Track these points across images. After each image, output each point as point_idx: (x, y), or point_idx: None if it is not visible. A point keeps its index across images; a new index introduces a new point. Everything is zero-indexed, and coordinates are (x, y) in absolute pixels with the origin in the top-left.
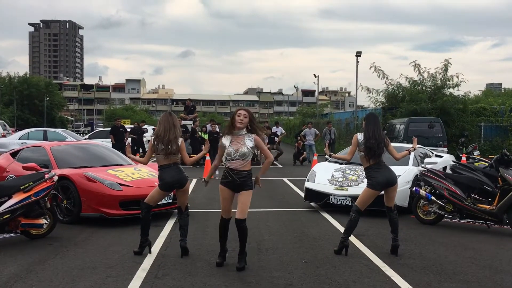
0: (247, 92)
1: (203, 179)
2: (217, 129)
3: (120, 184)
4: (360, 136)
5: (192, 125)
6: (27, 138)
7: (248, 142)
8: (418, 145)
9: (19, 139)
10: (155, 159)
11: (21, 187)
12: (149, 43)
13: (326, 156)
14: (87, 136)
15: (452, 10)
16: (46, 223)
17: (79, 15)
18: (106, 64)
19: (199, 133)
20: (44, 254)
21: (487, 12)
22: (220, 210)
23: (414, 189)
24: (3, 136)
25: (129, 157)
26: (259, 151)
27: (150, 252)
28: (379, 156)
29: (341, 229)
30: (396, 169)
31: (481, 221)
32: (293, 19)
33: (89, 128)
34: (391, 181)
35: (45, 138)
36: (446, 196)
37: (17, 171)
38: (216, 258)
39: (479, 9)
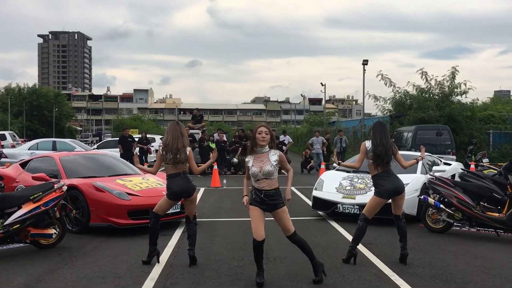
0: (254, 101)
1: (243, 200)
2: (225, 138)
3: (129, 194)
4: (368, 144)
5: (201, 134)
6: (37, 148)
7: (272, 157)
8: (426, 153)
9: (28, 149)
10: (163, 168)
11: (31, 197)
12: (157, 53)
13: (334, 164)
14: (95, 146)
15: (459, 18)
16: (55, 233)
17: (87, 26)
18: (113, 75)
19: (207, 142)
20: (53, 264)
21: (494, 19)
22: (249, 223)
23: (422, 197)
24: (13, 146)
25: (137, 167)
26: None
27: (158, 262)
28: (387, 163)
29: (349, 237)
30: (404, 177)
31: (490, 229)
32: (300, 28)
33: (98, 138)
34: (399, 189)
35: (54, 148)
36: (455, 204)
37: (27, 181)
38: (224, 268)
39: (486, 16)
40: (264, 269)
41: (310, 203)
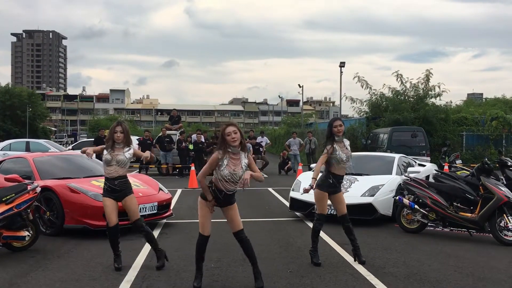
0: (232, 102)
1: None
2: (202, 139)
3: None
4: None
5: (179, 136)
6: (9, 149)
7: (244, 161)
8: (401, 154)
9: (1, 150)
10: (137, 171)
11: (3, 199)
12: (133, 53)
13: (311, 166)
14: (70, 147)
15: (434, 22)
16: (28, 235)
17: (62, 25)
18: (89, 74)
19: (185, 143)
20: (27, 266)
21: (468, 24)
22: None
23: (397, 198)
24: None
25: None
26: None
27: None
28: None
29: (326, 238)
30: (380, 178)
31: (463, 229)
32: (277, 30)
33: (73, 139)
34: None
35: (27, 149)
36: (429, 205)
37: None
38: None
39: (460, 21)
40: (203, 273)
41: (287, 204)
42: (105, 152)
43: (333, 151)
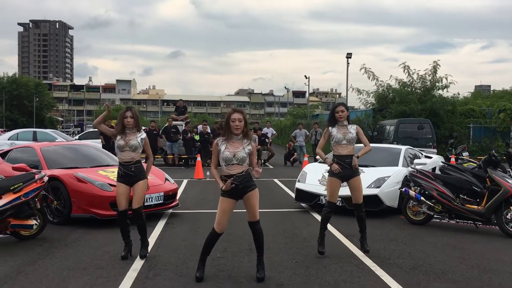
0: (238, 93)
1: (222, 187)
2: (208, 130)
3: (111, 185)
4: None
5: (184, 126)
6: (17, 138)
7: (247, 147)
8: (408, 146)
9: (8, 139)
10: (144, 161)
11: (11, 188)
12: (139, 44)
13: (317, 157)
14: (77, 137)
15: (442, 13)
16: (36, 224)
17: (68, 14)
18: (95, 65)
19: (191, 133)
20: (34, 255)
21: (476, 15)
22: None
23: (403, 189)
24: None
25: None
26: None
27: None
28: None
29: (332, 229)
30: (386, 170)
31: (469, 221)
32: (283, 20)
33: (79, 129)
34: None
35: (34, 138)
36: (435, 197)
37: (7, 172)
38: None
39: (468, 12)
40: (205, 264)
41: (293, 195)
42: (117, 138)
43: (330, 134)
